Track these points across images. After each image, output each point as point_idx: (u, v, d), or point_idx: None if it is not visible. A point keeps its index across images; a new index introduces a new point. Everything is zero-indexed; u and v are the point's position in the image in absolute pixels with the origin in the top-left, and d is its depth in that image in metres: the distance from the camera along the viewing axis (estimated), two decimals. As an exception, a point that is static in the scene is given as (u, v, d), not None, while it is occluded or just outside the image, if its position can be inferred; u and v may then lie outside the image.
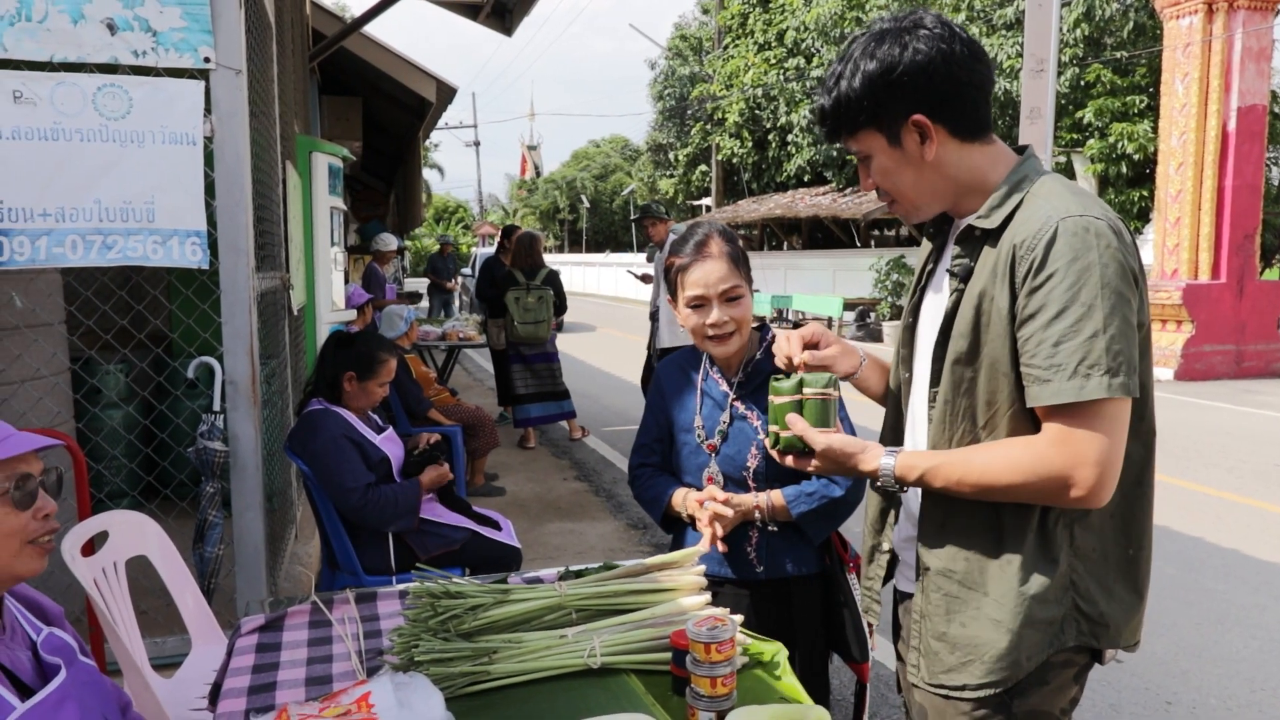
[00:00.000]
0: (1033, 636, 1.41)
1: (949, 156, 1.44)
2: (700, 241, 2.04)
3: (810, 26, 21.52)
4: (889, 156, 1.45)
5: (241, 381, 2.80)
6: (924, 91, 1.40)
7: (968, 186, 1.46)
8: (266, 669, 1.62)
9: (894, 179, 1.47)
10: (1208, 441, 7.90)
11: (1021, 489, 1.35)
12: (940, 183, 1.46)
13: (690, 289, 2.02)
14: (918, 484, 1.46)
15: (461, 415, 5.70)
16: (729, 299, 2.01)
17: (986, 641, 1.42)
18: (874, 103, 1.41)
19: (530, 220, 48.83)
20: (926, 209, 1.51)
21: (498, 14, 7.34)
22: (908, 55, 1.39)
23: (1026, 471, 1.33)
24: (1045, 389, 1.31)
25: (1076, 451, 1.30)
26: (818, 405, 1.58)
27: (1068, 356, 1.28)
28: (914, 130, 1.42)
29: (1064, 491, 1.32)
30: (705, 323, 2.01)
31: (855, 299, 18.77)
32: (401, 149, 13.06)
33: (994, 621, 1.42)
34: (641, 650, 1.60)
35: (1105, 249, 1.30)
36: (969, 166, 1.45)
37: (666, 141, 32.10)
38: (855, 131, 1.46)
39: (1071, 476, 1.30)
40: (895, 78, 1.39)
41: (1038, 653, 1.42)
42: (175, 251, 2.70)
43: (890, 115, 1.42)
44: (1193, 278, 12.10)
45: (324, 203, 5.11)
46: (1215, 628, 3.99)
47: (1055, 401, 1.30)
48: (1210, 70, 11.76)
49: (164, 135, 2.69)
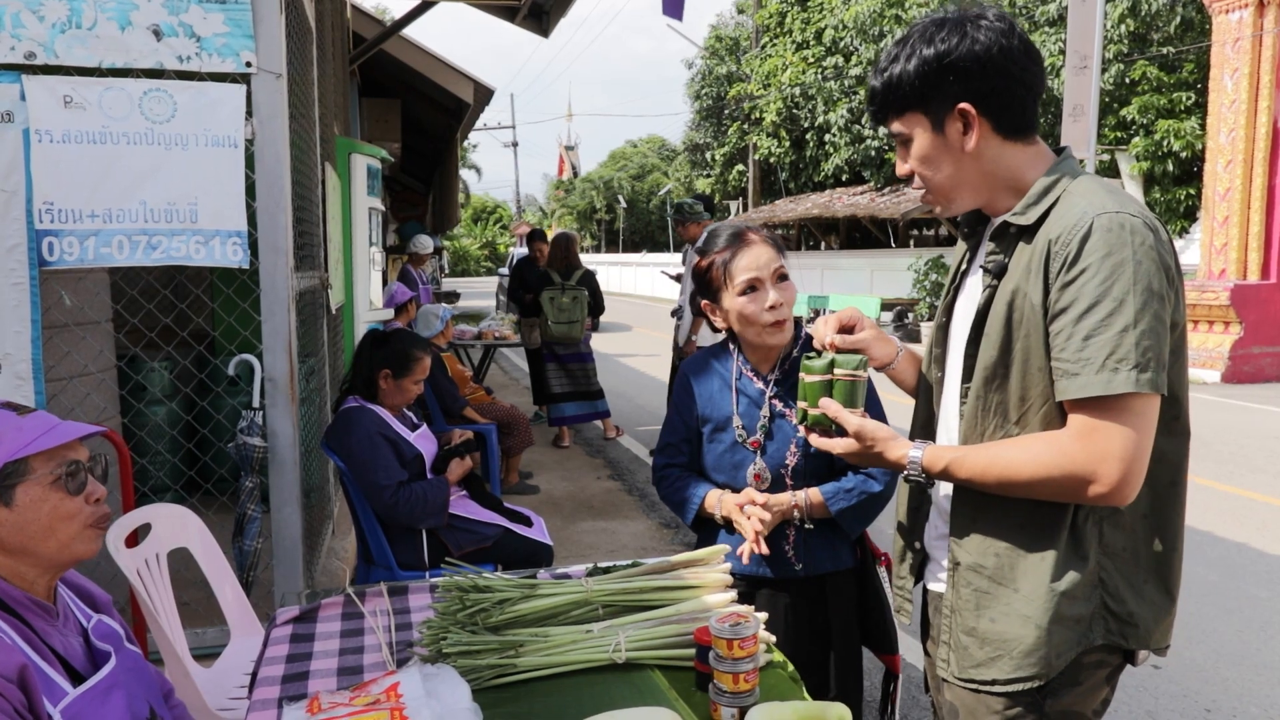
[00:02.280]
0: (1061, 633, 1.41)
1: (989, 151, 1.45)
2: (736, 233, 2.06)
3: (849, 25, 21.37)
4: (931, 142, 1.46)
5: (280, 379, 2.86)
6: (975, 82, 1.41)
7: (1004, 184, 1.46)
8: (300, 659, 1.66)
9: (932, 165, 1.48)
10: (1255, 446, 7.72)
11: (1043, 484, 1.34)
12: (976, 176, 1.46)
13: (742, 274, 2.00)
14: (942, 476, 1.47)
15: (496, 414, 5.76)
16: (781, 278, 2.02)
17: (1016, 637, 1.42)
18: (924, 86, 1.43)
19: (568, 220, 49.04)
20: (959, 201, 1.51)
21: (535, 15, 7.39)
22: (965, 44, 1.40)
23: (1049, 466, 1.33)
24: (1073, 382, 1.31)
25: (1101, 447, 1.29)
26: (846, 386, 1.60)
27: (1097, 350, 1.28)
28: (958, 119, 1.43)
29: (1085, 487, 1.31)
30: (764, 306, 1.99)
31: (893, 299, 18.60)
32: (439, 150, 13.19)
33: (1023, 617, 1.42)
34: (666, 646, 1.62)
35: (1140, 245, 1.30)
36: (1007, 164, 1.46)
37: (703, 141, 32.08)
38: (903, 113, 1.47)
39: (1095, 472, 1.29)
40: (949, 64, 1.40)
41: (1066, 650, 1.41)
42: (217, 251, 2.77)
43: (938, 101, 1.43)
44: (1241, 278, 11.82)
45: (362, 203, 5.19)
46: (1258, 635, 3.91)
47: (1082, 395, 1.29)
48: (1261, 65, 11.48)
49: (207, 138, 2.76)
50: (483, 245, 58.64)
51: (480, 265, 57.88)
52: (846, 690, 2.12)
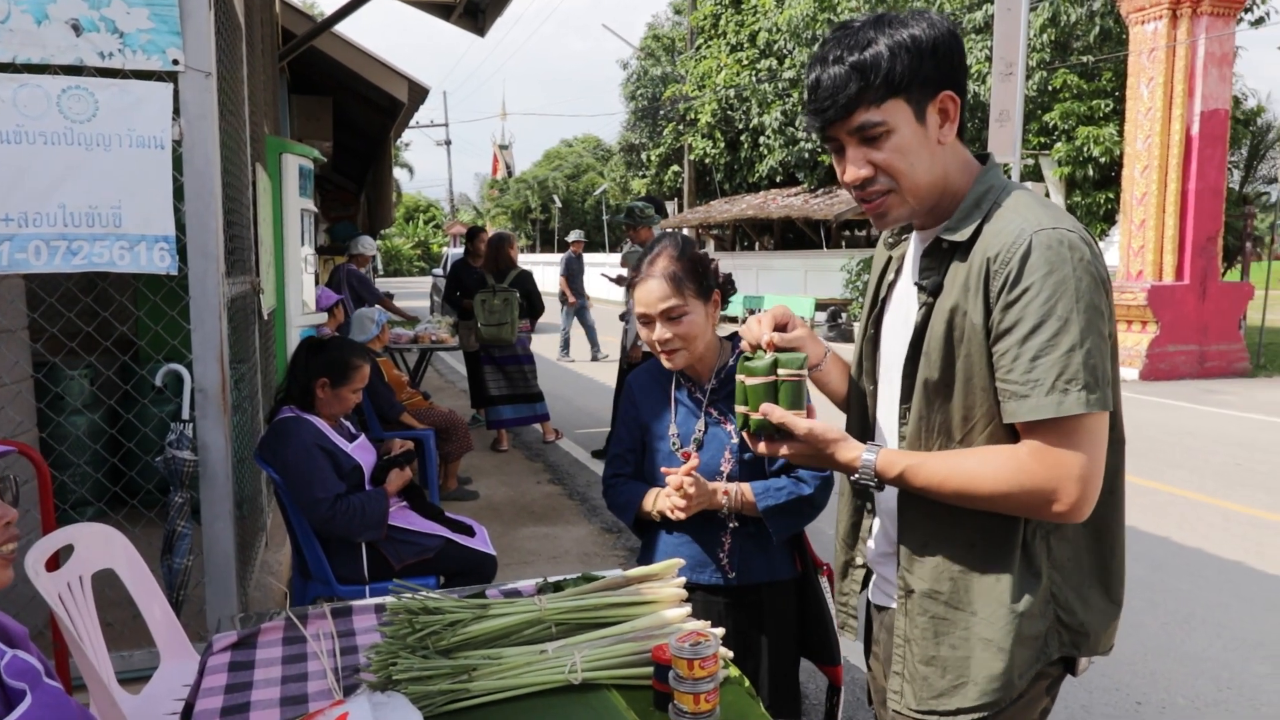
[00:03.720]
0: (1023, 654, 1.40)
1: (952, 147, 1.41)
2: (649, 258, 2.06)
3: (782, 28, 21.60)
4: (913, 132, 1.35)
5: (211, 389, 2.75)
6: (956, 70, 1.37)
7: (953, 186, 1.41)
8: (240, 688, 1.59)
9: (911, 159, 1.36)
10: (1172, 442, 8.03)
11: (1004, 499, 1.33)
12: (942, 172, 1.40)
13: (638, 306, 2.06)
14: (896, 481, 1.41)
15: (434, 419, 5.65)
16: (670, 318, 2.02)
17: (980, 662, 1.40)
18: (916, 68, 1.33)
19: (502, 220, 48.63)
20: (925, 200, 1.40)
21: (470, 14, 7.28)
22: (943, 31, 1.35)
23: (1010, 483, 1.31)
24: (1023, 404, 1.29)
25: (1058, 467, 1.28)
26: (792, 387, 1.49)
27: (1045, 371, 1.26)
28: (938, 108, 1.37)
29: (1046, 505, 1.30)
30: (651, 337, 2.06)
31: (827, 299, 18.88)
32: (373, 149, 12.93)
33: (985, 641, 1.39)
34: (623, 665, 1.59)
35: (1079, 262, 1.28)
36: (959, 162, 1.42)
37: (639, 142, 32.11)
38: (885, 99, 1.33)
39: (1056, 491, 1.29)
40: (937, 46, 1.34)
41: (1027, 669, 1.41)
42: (143, 257, 2.65)
43: (925, 86, 1.34)
44: (1157, 279, 12.30)
45: (294, 205, 5.04)
46: (1182, 627, 4.05)
47: (1034, 417, 1.28)
48: (1174, 75, 11.95)
49: (131, 138, 2.64)
50: (416, 245, 57.77)
51: (413, 265, 57.01)
52: (780, 705, 2.12)
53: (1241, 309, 12.86)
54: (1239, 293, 12.88)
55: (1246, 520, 5.70)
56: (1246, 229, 14.34)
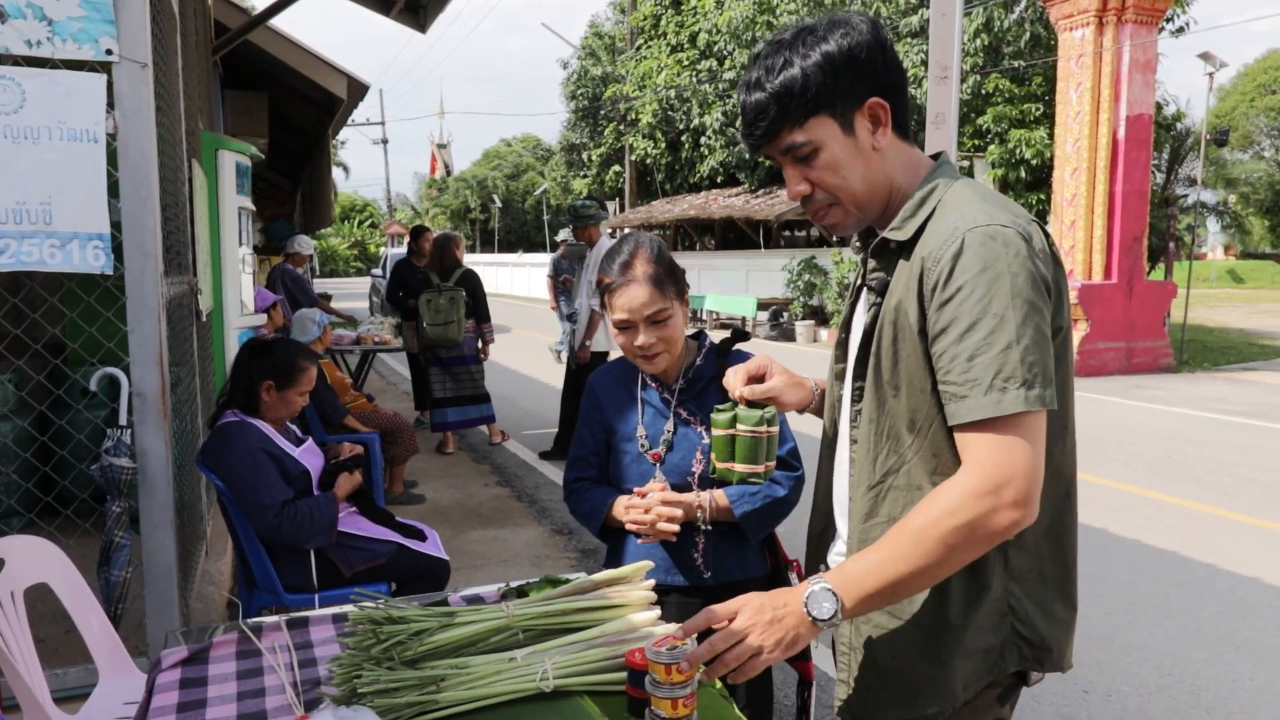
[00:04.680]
0: (968, 666, 1.36)
1: (891, 150, 1.38)
2: (625, 262, 2.00)
3: (723, 29, 21.73)
4: (842, 145, 1.35)
5: (150, 394, 2.64)
6: (880, 73, 1.34)
7: (899, 188, 1.40)
8: (193, 707, 1.51)
9: (844, 172, 1.36)
10: (1106, 436, 8.27)
11: (955, 533, 1.22)
12: (884, 179, 1.39)
13: (617, 312, 2.00)
14: (859, 608, 1.30)
15: (379, 421, 5.54)
16: (654, 322, 1.99)
17: (920, 674, 1.38)
18: (833, 83, 1.32)
19: (441, 220, 48.05)
20: (869, 210, 1.40)
21: (411, 10, 7.16)
22: (859, 38, 1.33)
23: (953, 510, 1.22)
24: (962, 405, 1.24)
25: (1002, 466, 1.22)
26: (748, 442, 1.60)
27: (982, 370, 1.22)
28: (867, 115, 1.35)
29: (992, 516, 1.21)
30: (634, 343, 2.00)
31: (768, 299, 19.05)
32: (309, 146, 12.64)
33: (924, 652, 1.38)
34: (595, 670, 1.55)
35: (1014, 258, 1.24)
36: (903, 165, 1.40)
37: (580, 141, 32.02)
38: (807, 119, 1.33)
39: (1001, 490, 1.21)
40: (855, 56, 1.32)
41: (975, 681, 1.37)
42: (76, 256, 2.53)
43: (848, 98, 1.33)
44: (1087, 278, 12.67)
45: (231, 202, 4.89)
46: (1124, 617, 4.17)
47: (972, 418, 1.23)
48: (1101, 80, 12.33)
49: (62, 131, 2.52)
50: (352, 245, 56.71)
51: (350, 265, 55.96)
52: (757, 700, 2.12)
53: (1165, 307, 13.34)
54: (1163, 291, 13.35)
55: (1179, 511, 5.89)
56: (1169, 230, 14.87)
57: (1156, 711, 3.32)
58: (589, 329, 6.74)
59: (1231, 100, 42.62)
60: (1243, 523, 5.65)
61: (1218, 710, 3.33)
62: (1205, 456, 7.46)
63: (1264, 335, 18.76)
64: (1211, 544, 5.20)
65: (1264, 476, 6.78)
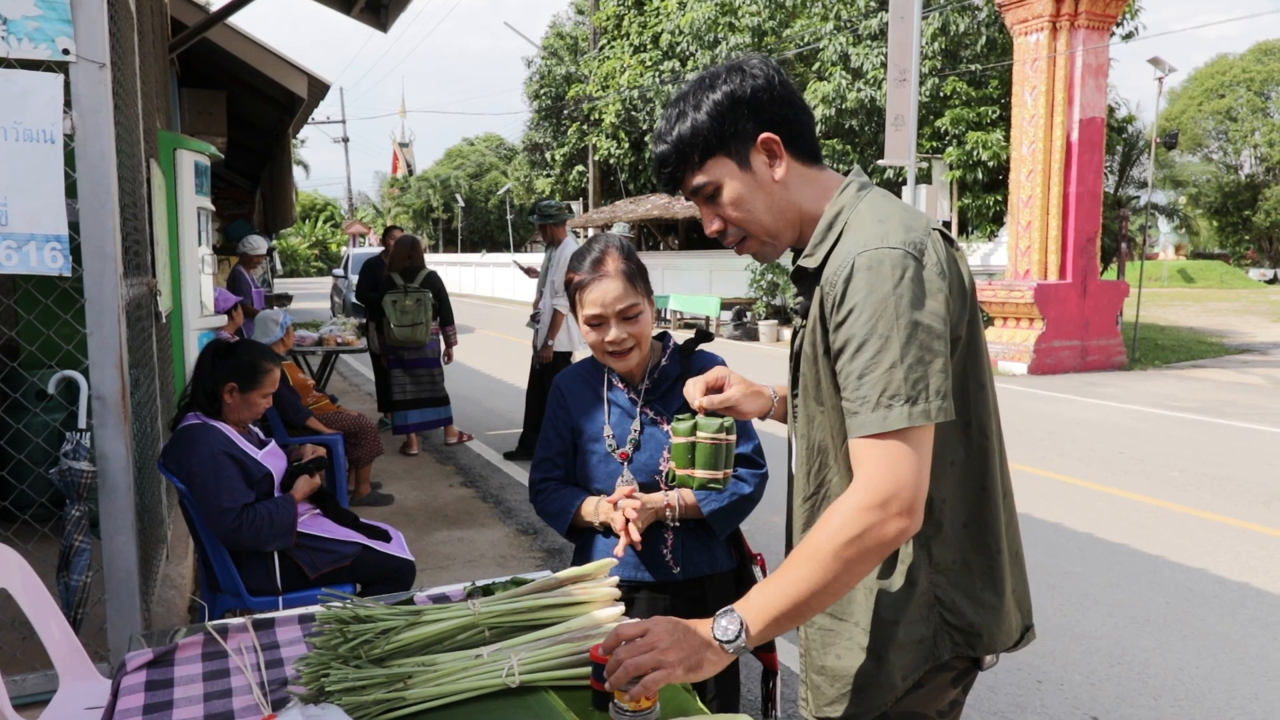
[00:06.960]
0: (904, 657, 1.45)
1: (795, 179, 1.46)
2: (597, 259, 2.04)
3: (685, 30, 21.81)
4: (741, 182, 1.45)
5: (110, 397, 2.62)
6: (768, 110, 1.43)
7: (810, 214, 1.48)
8: (159, 708, 1.51)
9: (747, 206, 1.46)
10: (1061, 432, 8.45)
11: (846, 546, 1.28)
12: (789, 207, 1.47)
13: (588, 308, 2.03)
14: (766, 632, 1.35)
15: (342, 423, 5.51)
16: (626, 317, 2.03)
17: (861, 670, 1.46)
18: (722, 126, 1.43)
19: (403, 219, 47.67)
20: (781, 238, 1.50)
21: (372, 9, 7.12)
22: (749, 81, 1.43)
23: (843, 524, 1.29)
24: (854, 421, 1.32)
25: (889, 481, 1.28)
26: (708, 449, 1.66)
27: (870, 389, 1.30)
28: (762, 150, 1.44)
29: (880, 526, 1.28)
30: (604, 340, 2.04)
31: (732, 299, 19.16)
32: (269, 145, 12.49)
33: (864, 649, 1.46)
34: (560, 666, 1.58)
35: (900, 278, 1.31)
36: (811, 192, 1.48)
37: (543, 141, 31.96)
38: (704, 162, 1.45)
39: (890, 501, 1.28)
40: (740, 98, 1.42)
41: (913, 670, 1.46)
42: (33, 258, 2.50)
43: (739, 137, 1.43)
44: (1043, 278, 12.93)
45: (190, 203, 4.84)
46: (1076, 607, 4.28)
47: (863, 433, 1.31)
48: (1055, 84, 12.60)
49: (17, 132, 2.49)
50: (313, 244, 56.02)
51: (311, 265, 55.28)
52: (725, 691, 2.16)
53: (1118, 306, 13.66)
54: (1116, 290, 13.67)
55: (1130, 505, 6.05)
56: (1121, 230, 15.21)
57: (1107, 699, 3.42)
58: (552, 329, 6.76)
59: (1181, 104, 43.68)
60: (1191, 515, 5.82)
61: (1165, 697, 3.44)
62: (1156, 452, 7.66)
63: (1212, 334, 19.27)
64: (1161, 537, 5.36)
65: (1211, 471, 6.99)
